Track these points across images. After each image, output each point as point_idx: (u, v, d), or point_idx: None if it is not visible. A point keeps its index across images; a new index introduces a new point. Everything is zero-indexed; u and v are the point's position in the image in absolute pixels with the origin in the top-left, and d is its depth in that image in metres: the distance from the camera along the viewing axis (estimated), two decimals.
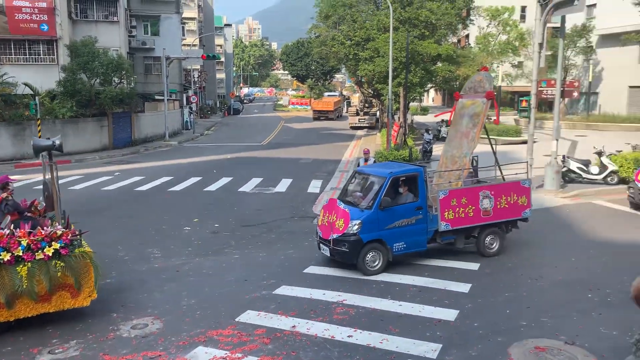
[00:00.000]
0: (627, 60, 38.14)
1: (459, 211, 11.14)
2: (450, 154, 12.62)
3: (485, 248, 11.66)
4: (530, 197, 12.12)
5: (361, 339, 7.89)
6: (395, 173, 10.96)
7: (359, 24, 34.54)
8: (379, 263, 10.69)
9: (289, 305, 9.27)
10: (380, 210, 10.60)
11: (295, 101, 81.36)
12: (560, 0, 17.30)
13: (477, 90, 12.47)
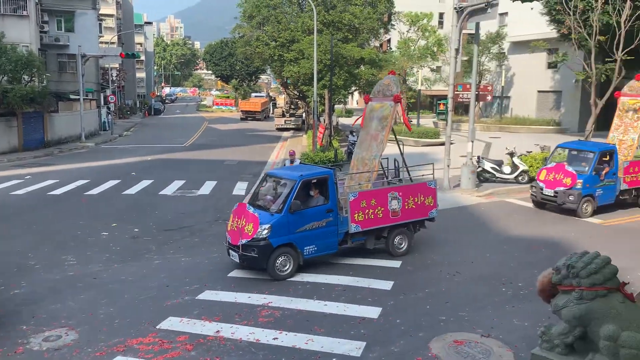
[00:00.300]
0: (536, 66, 40.66)
1: (369, 213, 11.28)
2: (361, 157, 12.74)
3: (394, 248, 11.88)
4: (436, 197, 12.45)
5: (286, 340, 7.87)
6: (305, 176, 10.88)
7: (284, 25, 34.56)
8: (289, 267, 10.58)
9: (213, 310, 9.10)
10: (290, 214, 10.48)
11: (220, 102, 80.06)
12: (475, 8, 18.15)
13: (386, 94, 12.66)
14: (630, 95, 17.15)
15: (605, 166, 15.40)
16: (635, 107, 16.93)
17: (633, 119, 16.94)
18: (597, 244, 12.63)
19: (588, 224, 14.69)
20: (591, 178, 15.12)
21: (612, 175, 15.50)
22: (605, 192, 15.45)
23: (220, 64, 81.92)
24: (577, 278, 1.87)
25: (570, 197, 14.99)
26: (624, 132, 17.06)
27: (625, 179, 15.72)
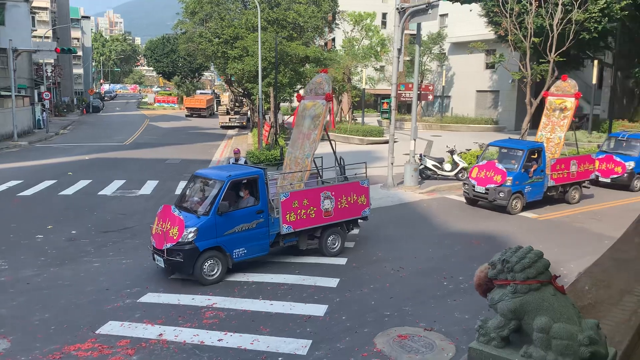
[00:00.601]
0: (475, 67, 42.05)
1: (301, 213, 11.12)
2: (294, 156, 12.60)
3: (327, 248, 11.77)
4: (369, 196, 12.42)
5: (232, 341, 7.78)
6: (234, 176, 10.58)
7: (227, 22, 34.13)
8: (217, 271, 10.24)
9: (155, 312, 8.87)
10: (218, 216, 10.14)
11: (162, 99, 78.15)
12: (416, 9, 18.53)
13: (318, 92, 12.51)
14: (557, 95, 17.68)
15: (534, 163, 15.84)
16: (562, 106, 17.43)
17: (560, 118, 17.45)
18: (533, 238, 13.20)
19: (524, 219, 15.29)
20: (520, 175, 15.52)
21: (540, 173, 15.99)
22: (534, 189, 15.93)
23: (162, 61, 79.87)
24: (511, 272, 1.92)
25: (500, 193, 15.36)
26: (551, 130, 17.59)
27: (553, 176, 16.22)
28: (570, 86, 17.61)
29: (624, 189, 18.88)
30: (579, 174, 16.90)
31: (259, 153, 24.88)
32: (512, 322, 1.89)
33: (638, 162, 19.00)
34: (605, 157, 19.33)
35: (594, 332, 1.80)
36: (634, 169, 18.94)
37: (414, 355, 7.39)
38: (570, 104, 17.28)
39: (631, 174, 18.94)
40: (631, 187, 18.96)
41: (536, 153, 16.00)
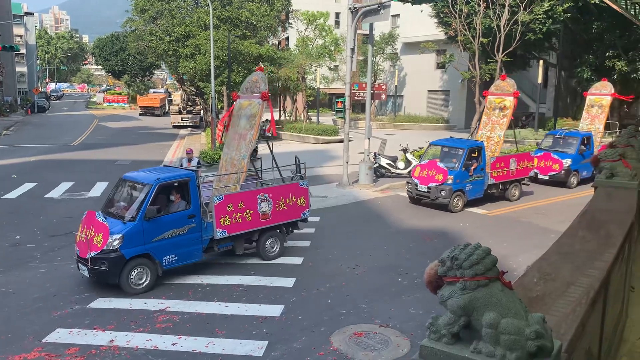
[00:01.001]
0: (426, 67, 42.82)
1: (236, 216, 10.71)
2: (230, 157, 12.12)
3: (265, 252, 11.49)
4: (308, 197, 12.17)
5: (186, 345, 7.64)
6: (162, 179, 10.05)
7: (178, 20, 33.54)
8: (146, 280, 9.76)
9: (105, 318, 8.61)
10: (145, 222, 9.64)
11: (111, 98, 75.92)
12: (368, 9, 18.70)
13: (254, 91, 12.12)
14: (496, 94, 17.86)
15: (474, 162, 16.00)
16: (501, 105, 17.62)
17: (499, 117, 17.65)
18: (483, 233, 13.55)
19: (474, 215, 15.68)
20: (461, 174, 15.69)
21: (481, 171, 16.19)
22: (475, 187, 16.14)
23: (111, 59, 77.78)
24: (460, 269, 1.95)
25: (442, 192, 15.53)
26: (491, 129, 17.76)
27: (493, 174, 16.40)
28: (509, 85, 17.82)
29: (561, 185, 19.38)
30: (519, 171, 17.19)
31: (213, 153, 24.54)
32: (462, 318, 1.91)
33: (575, 159, 19.51)
34: (544, 154, 19.77)
35: (540, 326, 1.84)
36: (570, 166, 19.40)
37: (370, 352, 7.45)
38: (509, 102, 17.51)
39: (568, 171, 19.39)
40: (568, 183, 19.44)
41: (476, 152, 16.18)
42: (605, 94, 22.30)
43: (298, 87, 38.72)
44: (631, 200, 5.49)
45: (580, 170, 19.84)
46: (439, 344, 1.94)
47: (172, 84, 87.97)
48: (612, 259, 3.58)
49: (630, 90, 31.76)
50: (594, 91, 22.86)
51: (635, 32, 27.13)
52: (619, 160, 6.24)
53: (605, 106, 22.19)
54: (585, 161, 19.78)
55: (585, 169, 19.99)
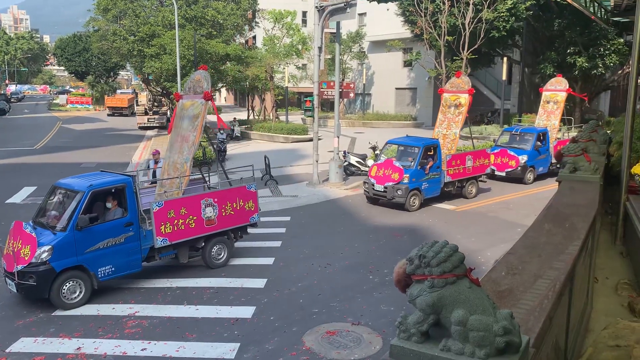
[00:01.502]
0: (393, 65, 43.13)
1: (178, 223, 10.20)
2: (172, 160, 11.47)
3: (211, 259, 11.00)
4: (257, 201, 11.74)
5: (156, 350, 7.51)
6: (96, 186, 9.48)
7: (143, 19, 32.99)
8: (80, 294, 9.18)
9: (72, 325, 8.40)
10: (77, 231, 9.06)
11: (75, 100, 74.13)
12: (335, 8, 18.71)
13: (197, 91, 11.52)
14: (451, 92, 17.77)
15: (430, 160, 15.91)
16: (456, 102, 17.55)
17: (454, 114, 17.54)
18: (451, 229, 13.73)
19: (443, 210, 15.87)
20: (417, 172, 15.57)
21: (437, 169, 16.10)
22: (431, 185, 16.02)
23: (74, 60, 75.96)
24: (428, 267, 1.94)
25: (398, 191, 15.37)
26: (447, 127, 17.66)
27: (449, 172, 16.35)
28: (464, 82, 17.75)
29: (518, 181, 19.44)
30: (475, 168, 17.18)
31: None
32: (431, 316, 1.91)
33: (531, 155, 19.57)
34: (500, 151, 19.80)
35: (508, 322, 1.85)
36: (526, 162, 19.42)
37: (342, 350, 7.45)
38: (464, 100, 17.45)
39: (524, 167, 19.41)
40: (524, 180, 19.49)
41: (432, 150, 16.09)
42: (560, 90, 22.34)
43: (266, 86, 38.53)
44: (593, 193, 5.62)
45: (536, 166, 19.94)
46: (409, 342, 1.93)
47: (137, 85, 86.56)
48: (577, 252, 3.64)
49: (591, 85, 32.70)
50: (549, 87, 22.90)
51: (594, 29, 27.89)
52: (581, 154, 6.38)
53: (561, 102, 22.23)
54: (541, 157, 20.02)
55: (542, 165, 20.19)
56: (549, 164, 20.55)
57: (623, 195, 6.93)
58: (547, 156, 20.41)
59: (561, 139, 21.38)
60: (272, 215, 15.51)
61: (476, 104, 40.60)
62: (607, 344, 3.42)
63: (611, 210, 7.96)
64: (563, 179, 6.37)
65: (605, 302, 5.43)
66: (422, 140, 16.63)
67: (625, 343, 3.34)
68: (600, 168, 6.63)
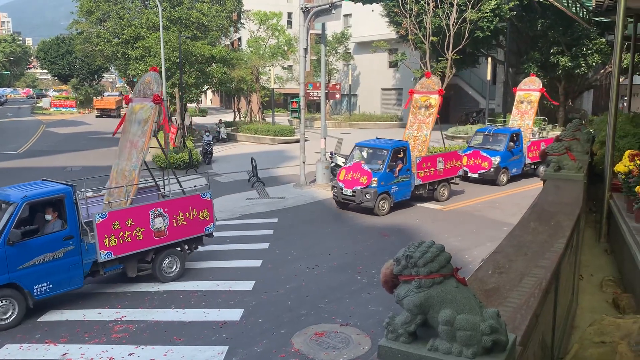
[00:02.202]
0: (379, 66, 43.27)
1: (124, 235, 9.55)
2: (121, 168, 10.76)
3: (162, 273, 10.33)
4: (212, 210, 11.13)
5: (144, 355, 7.45)
6: (30, 197, 8.81)
7: (127, 22, 32.76)
8: (13, 314, 8.53)
9: (58, 331, 8.31)
10: (9, 246, 8.38)
11: (58, 103, 73.39)
12: (320, 9, 18.74)
13: (147, 93, 10.83)
14: (422, 92, 17.28)
15: (399, 163, 15.43)
16: (427, 103, 17.05)
17: (425, 116, 17.07)
18: (438, 228, 13.80)
19: (430, 210, 15.94)
20: (386, 175, 15.10)
21: (407, 172, 15.64)
22: (401, 189, 15.60)
23: (57, 63, 75.20)
24: (415, 267, 1.95)
25: (366, 195, 14.88)
26: (417, 128, 17.20)
27: (419, 175, 15.94)
28: (434, 83, 17.31)
29: (491, 183, 19.05)
30: (446, 170, 16.79)
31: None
32: (418, 317, 1.91)
33: (504, 156, 19.17)
34: (473, 152, 19.49)
35: (495, 320, 1.86)
36: (499, 163, 19.03)
37: (331, 351, 7.45)
38: (434, 100, 16.98)
39: (497, 168, 19.01)
40: (498, 181, 19.09)
41: (401, 152, 15.64)
42: (534, 90, 21.83)
43: (252, 88, 38.45)
44: (578, 191, 5.68)
45: (509, 168, 19.57)
46: (397, 343, 1.93)
47: (122, 87, 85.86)
48: (562, 250, 3.68)
49: (574, 84, 33.07)
50: (522, 87, 22.38)
51: (577, 29, 28.21)
52: (565, 153, 6.44)
53: (534, 102, 21.70)
54: (514, 158, 19.68)
55: (515, 166, 19.87)
56: (523, 165, 20.32)
57: (606, 193, 7.01)
58: (520, 157, 20.08)
59: (534, 140, 21.26)
60: (260, 217, 15.48)
61: (461, 104, 41.03)
62: (593, 341, 3.46)
63: (595, 208, 8.06)
64: (548, 177, 6.43)
65: (591, 299, 5.49)
66: (391, 142, 16.06)
67: (610, 339, 3.38)
68: (584, 166, 6.70)
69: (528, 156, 20.31)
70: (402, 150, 15.69)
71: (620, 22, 6.59)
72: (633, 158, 6.30)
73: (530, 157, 20.33)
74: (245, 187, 19.49)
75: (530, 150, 20.32)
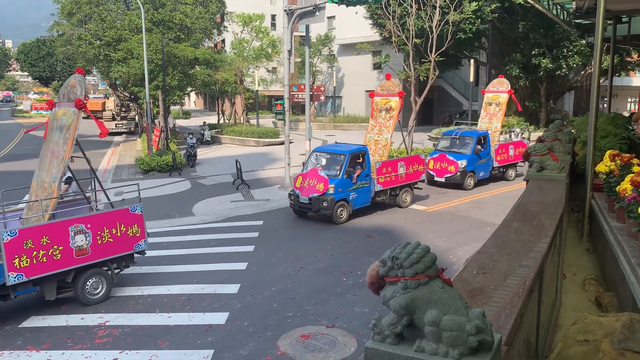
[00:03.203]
0: (363, 67, 43.40)
1: (39, 255, 8.62)
2: (40, 179, 9.75)
3: (86, 295, 9.40)
4: (144, 225, 10.15)
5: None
6: None
7: (109, 24, 32.45)
8: None
9: (40, 337, 8.18)
10: None
11: (40, 106, 72.48)
12: (303, 11, 18.77)
13: (70, 98, 9.86)
14: (382, 95, 16.71)
15: (358, 168, 14.83)
16: (387, 106, 16.43)
17: (386, 119, 16.46)
18: (423, 229, 13.86)
19: (414, 211, 16.00)
20: (343, 182, 14.49)
21: (366, 177, 14.99)
22: (360, 195, 14.98)
23: (38, 65, 74.46)
24: (401, 269, 1.95)
25: (323, 203, 14.24)
26: (378, 132, 16.62)
27: (380, 180, 15.30)
28: (394, 85, 16.62)
29: (458, 187, 18.62)
30: (408, 175, 16.18)
31: (149, 159, 23.87)
32: (405, 318, 1.91)
33: (470, 160, 18.60)
34: (439, 156, 18.96)
35: (480, 321, 1.87)
36: (466, 167, 18.48)
37: (317, 353, 7.43)
38: (394, 103, 16.38)
39: (464, 172, 18.44)
40: (464, 185, 18.56)
41: (360, 157, 15.00)
42: (502, 91, 21.12)
43: (236, 90, 38.32)
44: (560, 191, 5.74)
45: (476, 171, 19.01)
46: (383, 344, 1.93)
47: (104, 90, 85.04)
48: (545, 249, 3.71)
49: (556, 86, 33.49)
50: (491, 88, 21.66)
51: (558, 31, 28.58)
52: (548, 153, 6.52)
53: (502, 104, 21.04)
54: (482, 161, 19.14)
55: (483, 170, 19.30)
56: (491, 169, 19.75)
57: (588, 193, 7.10)
58: (488, 160, 19.49)
59: (503, 142, 20.81)
60: (244, 220, 15.42)
61: (445, 106, 41.33)
62: (576, 339, 3.49)
63: (577, 207, 8.16)
64: (530, 177, 6.49)
65: (574, 297, 5.55)
66: (349, 147, 15.44)
67: (593, 338, 3.41)
68: (566, 167, 6.78)
69: (496, 159, 19.76)
70: (361, 155, 15.05)
71: (600, 24, 6.68)
72: (614, 158, 6.39)
73: (498, 161, 19.83)
74: (230, 190, 19.40)
75: (498, 153, 19.83)
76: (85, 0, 32.90)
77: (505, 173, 20.35)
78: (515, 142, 21.09)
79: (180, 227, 14.93)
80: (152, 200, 17.98)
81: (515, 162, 20.49)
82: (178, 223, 15.44)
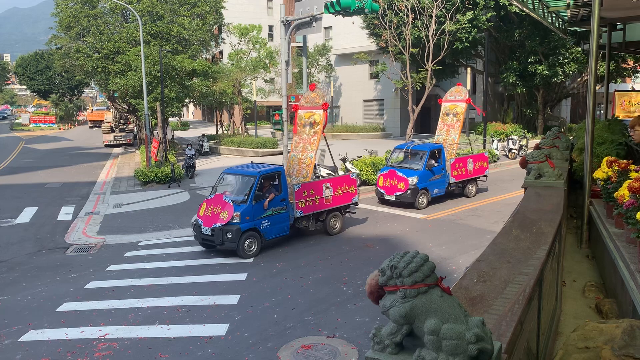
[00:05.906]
0: (360, 77, 43.60)
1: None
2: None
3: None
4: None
5: None
6: None
7: (107, 36, 32.57)
8: None
9: (39, 351, 8.14)
10: None
11: (38, 119, 72.58)
12: (301, 22, 18.87)
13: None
14: (306, 108, 14.92)
15: (272, 192, 13.05)
16: (311, 120, 14.74)
17: (310, 135, 14.78)
18: (423, 237, 13.85)
19: (414, 220, 15.99)
20: (251, 209, 12.56)
21: (282, 202, 13.20)
22: (275, 223, 13.09)
23: (36, 78, 74.53)
24: (400, 278, 1.96)
25: (227, 234, 12.27)
26: (302, 150, 14.79)
27: (300, 205, 13.53)
28: (318, 97, 14.86)
29: (409, 206, 16.90)
30: (337, 198, 14.40)
31: (148, 171, 23.87)
32: (404, 327, 1.92)
33: (422, 176, 16.87)
34: (389, 172, 17.24)
35: (480, 329, 1.87)
36: (417, 184, 16.75)
37: None
38: (319, 117, 14.64)
39: (415, 190, 16.68)
40: (416, 204, 16.78)
41: (275, 178, 13.24)
42: (460, 100, 19.40)
43: (234, 101, 38.42)
44: (558, 198, 5.76)
45: (430, 188, 17.16)
46: (384, 354, 1.94)
47: (102, 102, 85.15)
48: (544, 256, 3.72)
49: (552, 93, 33.63)
50: (448, 97, 19.86)
51: (553, 39, 28.76)
52: (545, 161, 6.53)
53: (460, 114, 19.34)
54: (435, 177, 17.35)
55: (437, 187, 17.48)
56: (447, 185, 17.88)
57: (586, 199, 7.11)
58: (443, 176, 17.61)
59: (460, 157, 18.83)
60: None
61: None
62: (577, 346, 3.48)
63: (576, 214, 8.17)
64: (528, 185, 6.51)
65: (574, 304, 5.55)
66: (259, 167, 13.45)
67: (594, 344, 3.41)
68: (564, 173, 6.80)
69: (452, 174, 17.91)
70: (276, 176, 13.20)
71: (594, 31, 6.73)
72: (611, 164, 6.40)
73: (455, 176, 17.95)
74: None
75: (454, 168, 17.96)
76: (83, 14, 33.03)
77: (465, 189, 18.62)
78: (474, 156, 19.28)
79: (179, 239, 14.91)
80: (151, 212, 17.96)
81: (475, 176, 18.88)
82: (177, 234, 15.43)
